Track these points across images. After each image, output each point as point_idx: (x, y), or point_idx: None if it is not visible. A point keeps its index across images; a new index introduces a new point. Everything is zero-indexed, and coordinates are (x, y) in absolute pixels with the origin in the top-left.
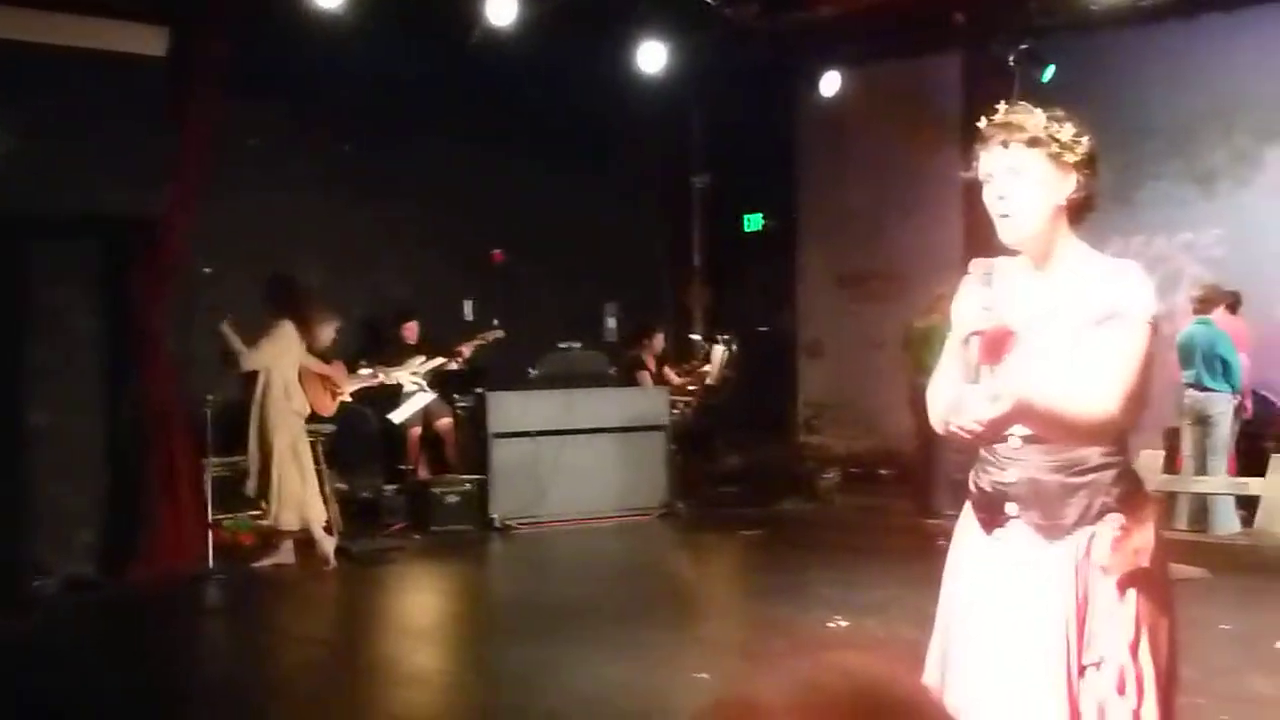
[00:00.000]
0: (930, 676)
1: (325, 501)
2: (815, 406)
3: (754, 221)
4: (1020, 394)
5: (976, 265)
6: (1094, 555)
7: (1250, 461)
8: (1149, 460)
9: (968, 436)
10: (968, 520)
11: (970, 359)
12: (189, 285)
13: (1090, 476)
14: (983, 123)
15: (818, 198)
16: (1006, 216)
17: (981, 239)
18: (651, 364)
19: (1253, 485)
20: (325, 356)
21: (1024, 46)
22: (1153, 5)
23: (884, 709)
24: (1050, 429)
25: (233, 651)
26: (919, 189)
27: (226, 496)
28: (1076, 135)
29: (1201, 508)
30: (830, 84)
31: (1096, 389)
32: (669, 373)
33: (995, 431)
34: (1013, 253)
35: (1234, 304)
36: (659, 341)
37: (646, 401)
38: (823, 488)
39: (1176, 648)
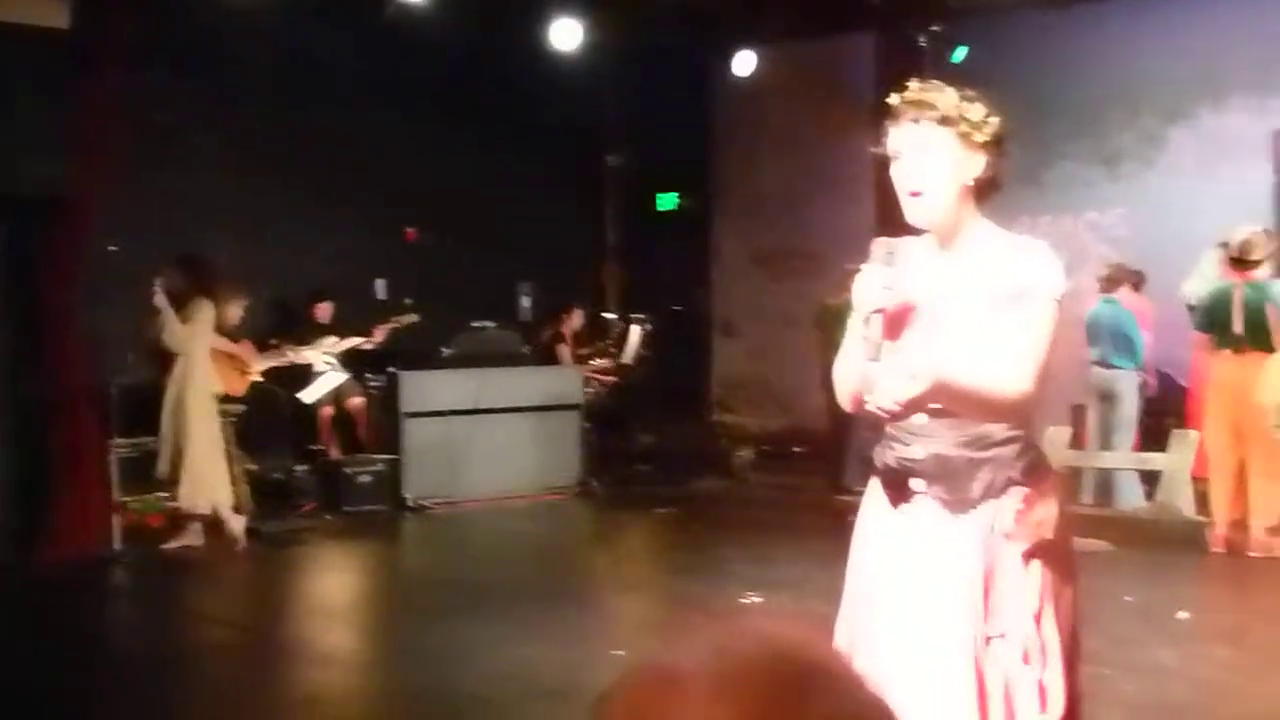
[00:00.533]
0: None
1: (235, 482)
2: (729, 385)
3: (668, 200)
4: (938, 373)
5: (878, 244)
6: (999, 528)
7: (1153, 437)
8: (1056, 436)
9: (885, 415)
10: (874, 495)
11: (873, 337)
12: (96, 263)
13: (995, 451)
14: (894, 99)
15: (732, 176)
16: (914, 194)
17: (894, 217)
18: (570, 342)
19: (1156, 460)
20: (233, 335)
21: (936, 28)
22: None
23: (802, 672)
24: (966, 407)
25: (141, 634)
26: (833, 168)
27: (134, 478)
28: (986, 116)
29: (1106, 483)
30: (745, 63)
31: (1011, 367)
32: (576, 351)
33: (912, 410)
34: (919, 231)
35: (1139, 283)
36: (577, 319)
37: (561, 381)
38: (737, 466)
39: (1079, 618)
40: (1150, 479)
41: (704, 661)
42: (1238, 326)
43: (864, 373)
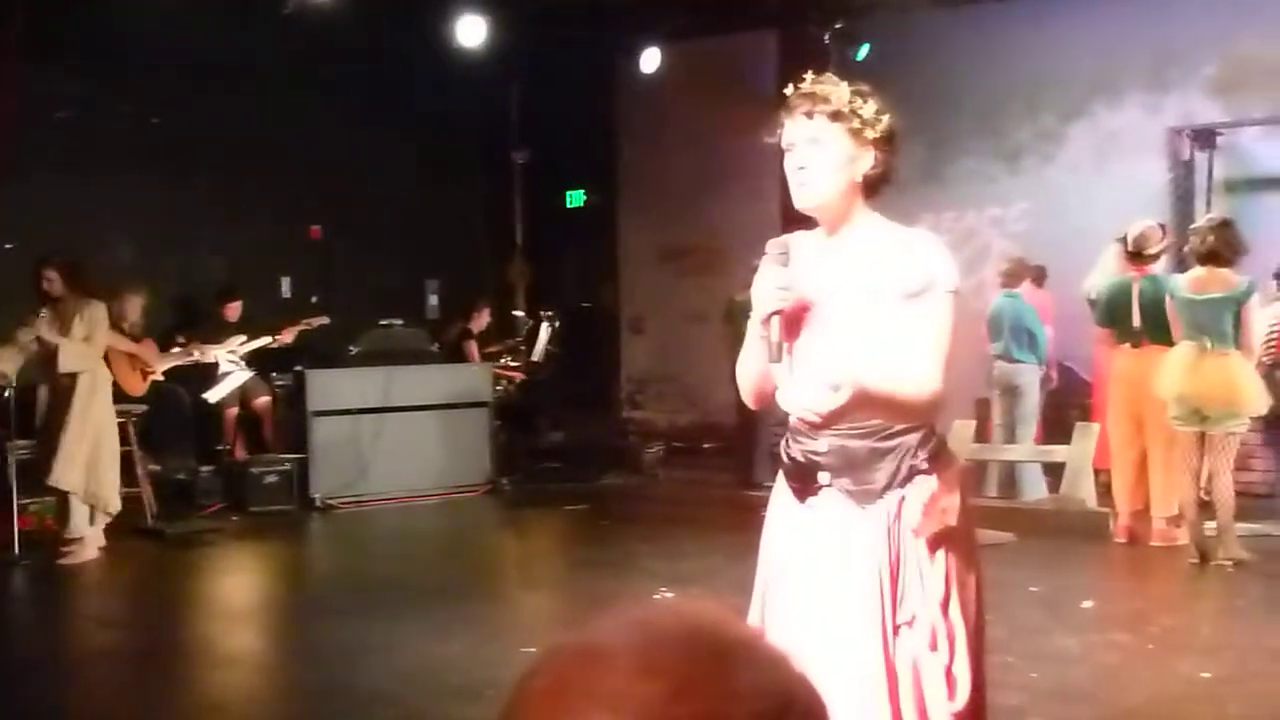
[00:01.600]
0: None
1: (140, 483)
2: (638, 381)
3: (576, 198)
4: (859, 383)
5: (772, 245)
6: (904, 517)
7: (1056, 430)
8: (961, 430)
9: (807, 427)
10: (781, 489)
11: (773, 338)
12: None
13: (897, 440)
14: (788, 91)
15: (638, 173)
16: (804, 185)
17: (798, 212)
18: (477, 340)
19: (1058, 452)
20: (134, 334)
21: (839, 25)
22: None
23: (725, 644)
24: (885, 412)
25: (40, 638)
26: (737, 163)
27: (32, 481)
28: (878, 112)
29: (1010, 475)
30: (650, 60)
31: (921, 367)
32: (485, 349)
33: (834, 421)
34: (811, 225)
35: (1040, 277)
36: (485, 317)
37: (469, 378)
38: (646, 462)
39: (983, 605)
40: (1053, 471)
41: (627, 636)
42: (1136, 320)
43: (767, 373)
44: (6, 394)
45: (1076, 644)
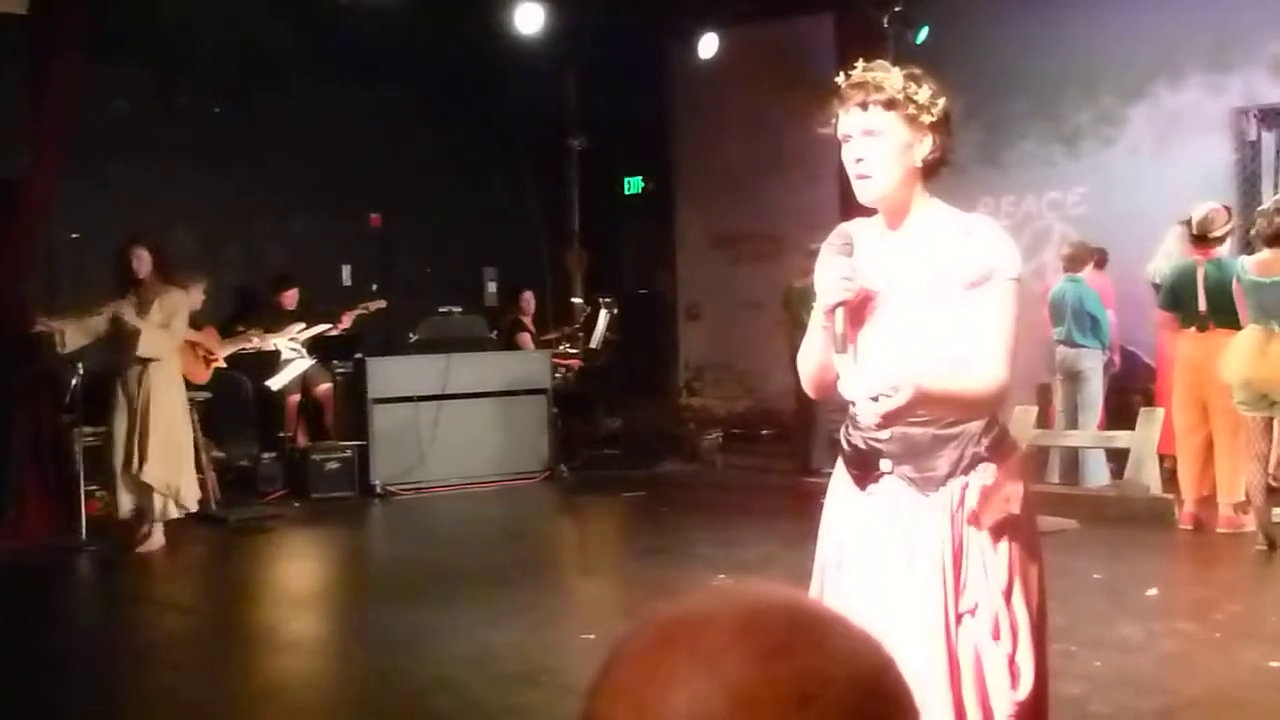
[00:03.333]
0: None
1: (202, 470)
2: (696, 368)
3: (634, 184)
4: (919, 385)
5: (835, 234)
6: (966, 505)
7: (1119, 415)
8: (1022, 416)
9: (872, 427)
10: (840, 477)
11: (837, 329)
12: (54, 252)
13: (960, 428)
14: (840, 81)
15: (694, 159)
16: (864, 177)
17: (855, 198)
18: (531, 326)
19: (1121, 438)
20: (196, 322)
21: (897, 8)
22: None
23: (816, 614)
24: (952, 409)
25: (106, 622)
26: (794, 149)
27: (100, 467)
28: (933, 96)
29: (1073, 461)
30: (707, 46)
31: (987, 360)
32: (539, 335)
33: (896, 421)
34: (872, 212)
35: (1102, 260)
36: (528, 302)
37: (527, 365)
38: (704, 449)
39: (1045, 594)
40: (1117, 457)
41: (725, 604)
42: (1201, 304)
43: (829, 363)
44: (74, 381)
45: (1140, 632)
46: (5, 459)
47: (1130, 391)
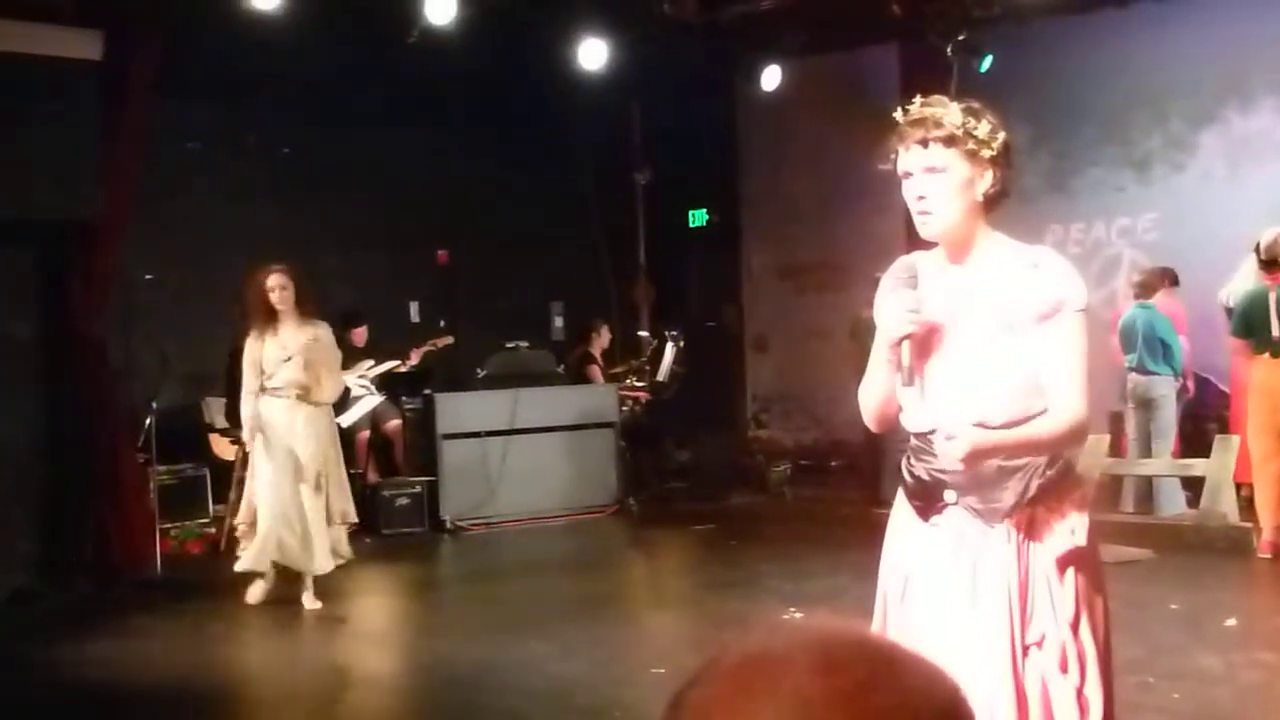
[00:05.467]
0: None
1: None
2: (763, 400)
3: (699, 217)
4: (976, 439)
5: (899, 267)
6: (1032, 536)
7: (1193, 443)
8: (1095, 445)
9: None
10: (902, 508)
11: (904, 362)
12: (127, 291)
13: (1026, 460)
14: (899, 117)
15: (760, 191)
16: (926, 214)
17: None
18: (600, 360)
19: (1197, 466)
20: None
21: (961, 37)
22: None
23: (890, 651)
24: (1036, 450)
25: (184, 658)
26: (859, 179)
27: (174, 504)
28: (993, 130)
29: (1147, 490)
30: (770, 77)
31: (1064, 396)
32: (608, 369)
33: (979, 462)
34: (932, 244)
35: (1173, 281)
36: (604, 338)
37: (595, 399)
38: (772, 481)
39: (1110, 627)
40: (1192, 485)
41: (796, 642)
42: (1275, 330)
43: (892, 396)
44: (149, 420)
45: (1219, 663)
46: (78, 500)
47: (1204, 419)
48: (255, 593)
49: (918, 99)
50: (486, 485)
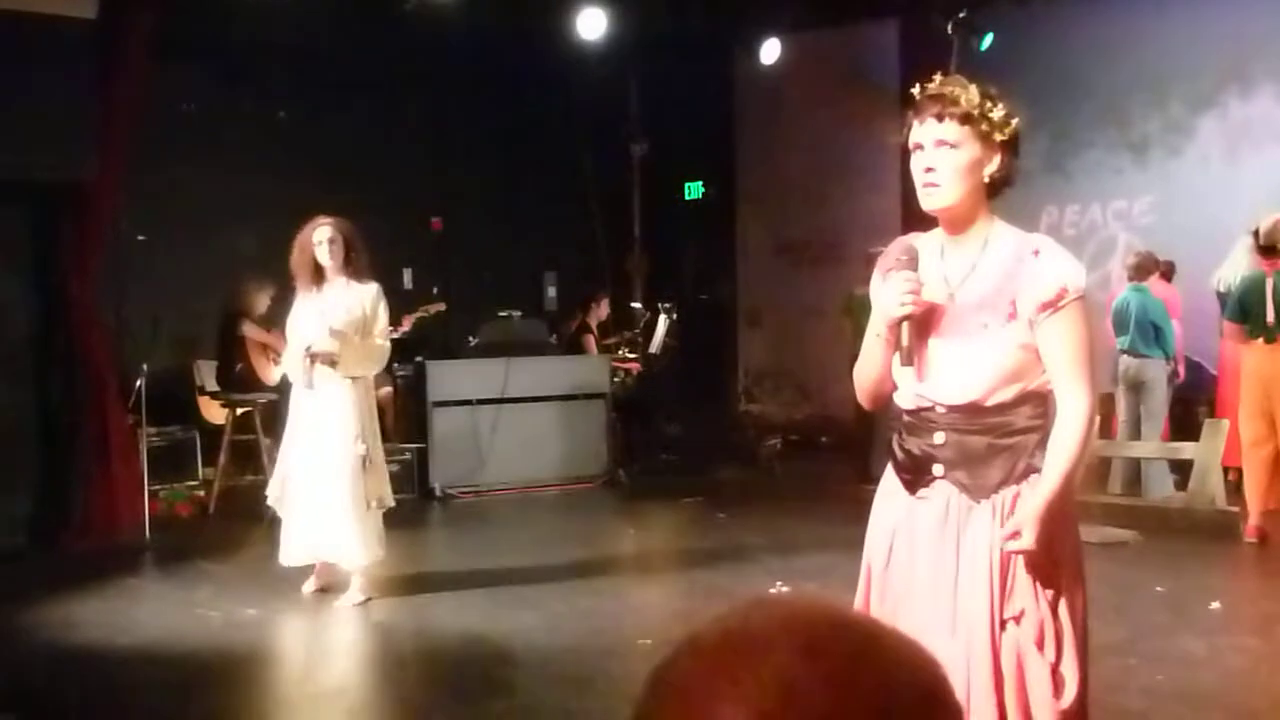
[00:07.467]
0: None
1: (265, 471)
2: (755, 375)
3: (695, 190)
4: (1060, 469)
5: (899, 248)
6: (1017, 514)
7: (1183, 426)
8: None
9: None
10: (890, 481)
11: (903, 342)
12: (120, 251)
13: (1017, 439)
14: (917, 92)
15: (756, 165)
16: (932, 185)
17: (918, 206)
18: (595, 333)
19: (1186, 450)
20: (264, 324)
21: (961, 15)
22: None
23: (875, 632)
24: (1077, 461)
25: (171, 620)
26: (856, 156)
27: (163, 466)
28: (1007, 116)
29: (1136, 472)
30: (769, 51)
31: (1073, 393)
32: (602, 341)
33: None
34: (931, 224)
35: (1168, 272)
36: (604, 310)
37: (587, 370)
38: (762, 455)
39: (1090, 606)
40: (1181, 469)
41: (774, 622)
42: (1270, 316)
43: (886, 375)
44: (139, 382)
45: (1203, 646)
46: (69, 460)
47: (1194, 402)
48: (308, 585)
49: (938, 77)
50: (477, 454)
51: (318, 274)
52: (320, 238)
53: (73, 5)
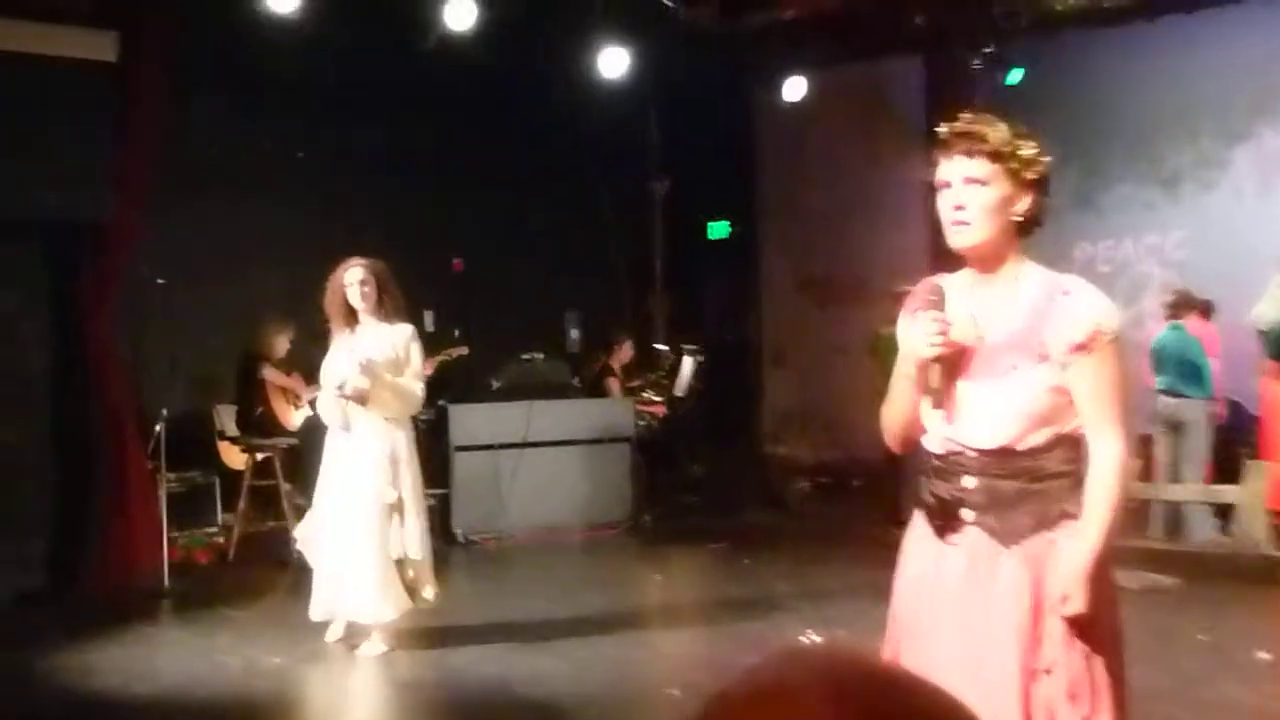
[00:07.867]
0: None
1: (285, 516)
2: (781, 415)
3: (719, 229)
4: (1099, 522)
5: (925, 288)
6: (1048, 561)
7: (1225, 468)
8: None
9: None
10: (919, 527)
11: (933, 384)
12: (139, 293)
13: (1048, 484)
14: (944, 130)
15: (779, 203)
16: (961, 224)
17: (943, 244)
18: (619, 375)
19: (1228, 493)
20: (283, 367)
21: (988, 50)
22: (1115, 7)
23: (901, 680)
24: (1115, 507)
25: (189, 667)
26: (881, 193)
27: (182, 512)
28: (1037, 154)
29: (1176, 516)
30: (792, 88)
31: (1105, 439)
32: (626, 384)
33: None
34: (958, 264)
35: (1206, 310)
36: (627, 352)
37: (611, 413)
38: (790, 498)
39: (1127, 655)
40: (1223, 512)
41: (803, 673)
42: None
43: (916, 417)
44: (158, 428)
45: (1250, 695)
46: (86, 500)
47: (1236, 444)
48: (331, 633)
49: (968, 114)
50: (499, 498)
51: (350, 315)
52: (351, 279)
53: (93, 49)
